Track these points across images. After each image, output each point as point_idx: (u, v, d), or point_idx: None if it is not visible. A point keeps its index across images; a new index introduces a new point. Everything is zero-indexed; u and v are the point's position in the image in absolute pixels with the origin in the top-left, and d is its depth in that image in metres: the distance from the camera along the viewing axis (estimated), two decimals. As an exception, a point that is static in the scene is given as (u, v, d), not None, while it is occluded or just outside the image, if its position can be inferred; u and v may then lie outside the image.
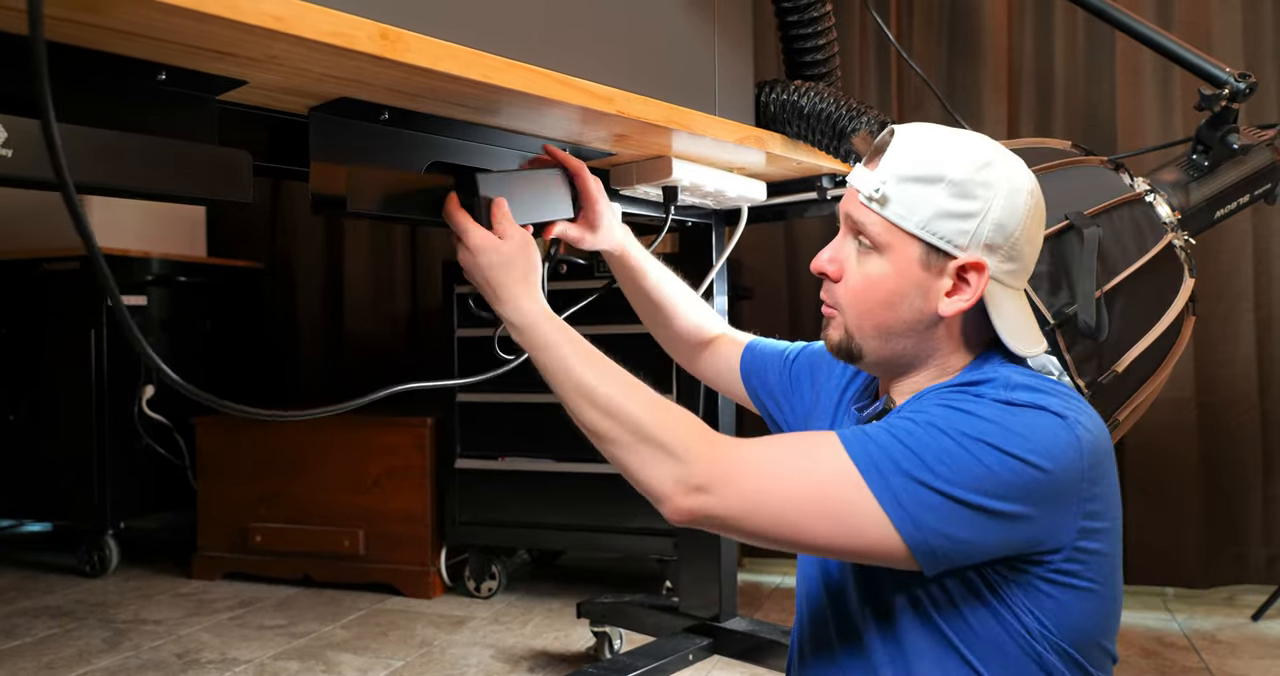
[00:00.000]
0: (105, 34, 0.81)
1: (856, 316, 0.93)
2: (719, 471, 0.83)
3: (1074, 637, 0.84)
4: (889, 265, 0.90)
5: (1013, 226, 0.87)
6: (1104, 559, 0.85)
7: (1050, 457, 0.79)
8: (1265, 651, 2.14)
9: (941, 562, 0.80)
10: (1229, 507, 2.47)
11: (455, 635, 2.33)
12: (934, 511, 0.78)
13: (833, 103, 1.55)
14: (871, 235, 0.90)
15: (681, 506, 0.83)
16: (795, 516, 0.81)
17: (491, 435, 2.63)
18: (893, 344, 0.92)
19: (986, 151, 0.89)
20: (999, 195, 0.87)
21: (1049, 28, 2.62)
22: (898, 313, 0.90)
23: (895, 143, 0.90)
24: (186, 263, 3.20)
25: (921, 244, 0.88)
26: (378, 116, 1.11)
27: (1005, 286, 0.90)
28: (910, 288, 0.89)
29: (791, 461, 0.83)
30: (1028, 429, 0.80)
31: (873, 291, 0.91)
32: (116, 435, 2.89)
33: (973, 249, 0.87)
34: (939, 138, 0.90)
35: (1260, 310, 2.47)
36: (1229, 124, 1.58)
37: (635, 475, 0.88)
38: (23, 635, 2.36)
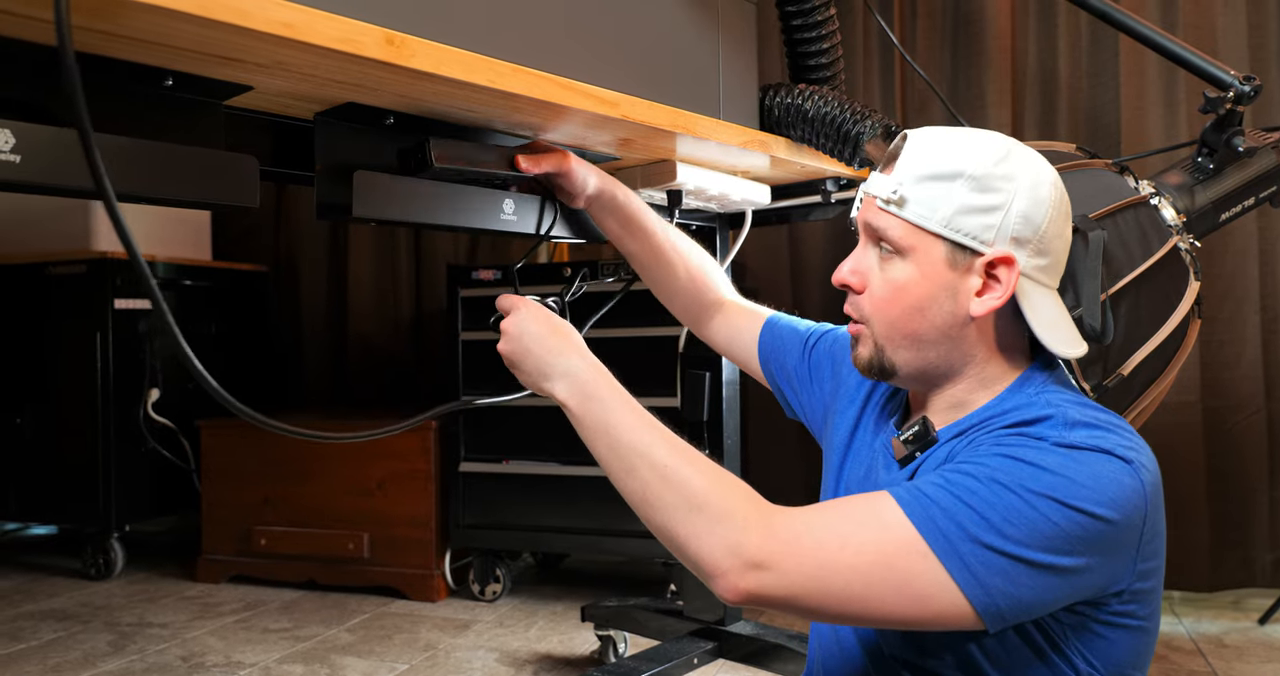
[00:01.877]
0: (113, 40, 0.82)
1: (885, 327, 0.89)
2: (778, 546, 0.76)
3: (1117, 669, 0.83)
4: (914, 268, 0.86)
5: (1039, 218, 0.85)
6: (1154, 595, 0.83)
7: (1116, 507, 0.76)
8: (1272, 655, 2.13)
9: (1008, 621, 0.76)
10: (1235, 511, 2.47)
11: (459, 638, 2.33)
12: (1003, 575, 0.74)
13: (837, 106, 1.55)
14: (893, 239, 0.87)
15: (739, 586, 0.75)
16: (861, 590, 0.75)
17: (496, 438, 2.63)
18: (926, 353, 0.88)
19: (1003, 145, 0.87)
20: (1021, 187, 0.85)
21: (1053, 30, 2.62)
22: (928, 318, 0.87)
23: (909, 145, 0.88)
24: (192, 266, 3.21)
25: (946, 243, 0.85)
26: (383, 121, 1.12)
27: (1037, 284, 0.87)
28: (939, 290, 0.86)
29: (853, 531, 0.77)
30: (1094, 479, 0.75)
31: (901, 298, 0.87)
32: (122, 438, 2.90)
33: (1000, 243, 0.84)
34: (953, 136, 0.88)
35: (1266, 313, 2.46)
36: (1234, 126, 1.58)
37: (686, 547, 0.79)
38: (28, 638, 2.36)
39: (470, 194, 1.19)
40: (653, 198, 1.59)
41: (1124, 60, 2.51)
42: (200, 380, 0.76)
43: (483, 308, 2.64)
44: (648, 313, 2.39)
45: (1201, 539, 2.45)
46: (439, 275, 3.35)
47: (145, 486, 2.97)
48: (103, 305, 2.88)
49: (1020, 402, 0.86)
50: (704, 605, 2.03)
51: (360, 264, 3.50)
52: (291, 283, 3.65)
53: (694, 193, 1.57)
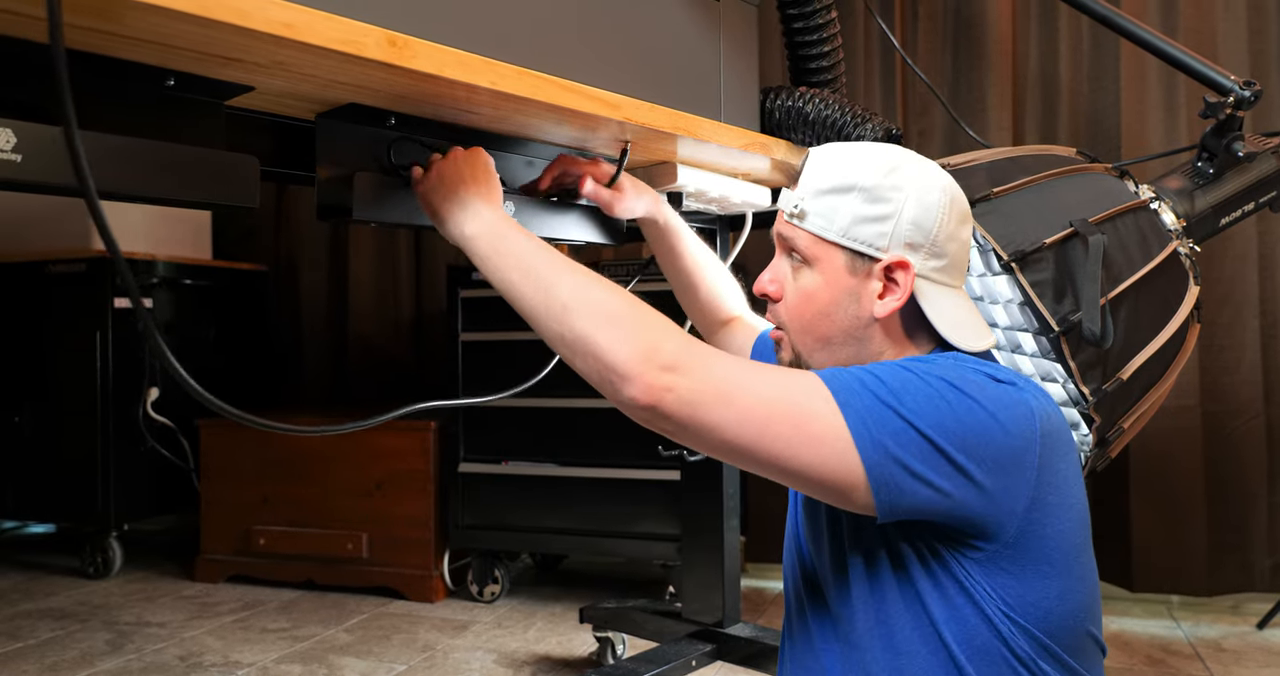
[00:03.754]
0: (114, 40, 0.82)
1: (799, 332, 0.96)
2: (693, 356, 0.81)
3: (1043, 622, 0.84)
4: (820, 276, 0.93)
5: (930, 224, 0.91)
6: (1064, 539, 0.85)
7: (1004, 411, 0.81)
8: (1270, 660, 2.13)
9: (896, 503, 0.78)
10: (1234, 515, 2.47)
11: (458, 639, 2.33)
12: (895, 437, 0.78)
13: (837, 109, 1.55)
14: (800, 249, 0.94)
15: (649, 383, 0.78)
16: (762, 413, 0.79)
17: (495, 439, 2.63)
18: (836, 354, 0.94)
19: (893, 157, 0.94)
20: (910, 195, 0.91)
21: (1054, 34, 2.62)
22: (835, 321, 0.93)
23: (810, 162, 0.96)
24: (192, 265, 3.21)
25: (845, 251, 0.92)
26: (384, 122, 1.12)
27: (936, 283, 0.93)
28: (842, 295, 0.93)
29: (765, 369, 0.85)
30: (982, 383, 0.82)
31: (809, 304, 0.94)
32: (121, 437, 2.90)
33: (894, 249, 0.91)
34: (848, 151, 0.95)
35: (1265, 317, 2.46)
36: (1234, 131, 1.58)
37: (601, 350, 0.82)
38: (25, 637, 2.36)
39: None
40: (653, 199, 1.59)
41: (1125, 65, 2.51)
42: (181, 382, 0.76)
43: (483, 308, 2.65)
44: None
45: (1200, 543, 2.45)
46: (439, 276, 3.36)
47: (144, 485, 2.97)
48: (102, 304, 2.88)
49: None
50: (702, 607, 2.03)
51: (360, 264, 3.50)
52: (292, 283, 3.65)
53: (694, 195, 1.57)
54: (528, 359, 2.80)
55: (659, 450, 1.99)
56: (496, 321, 2.62)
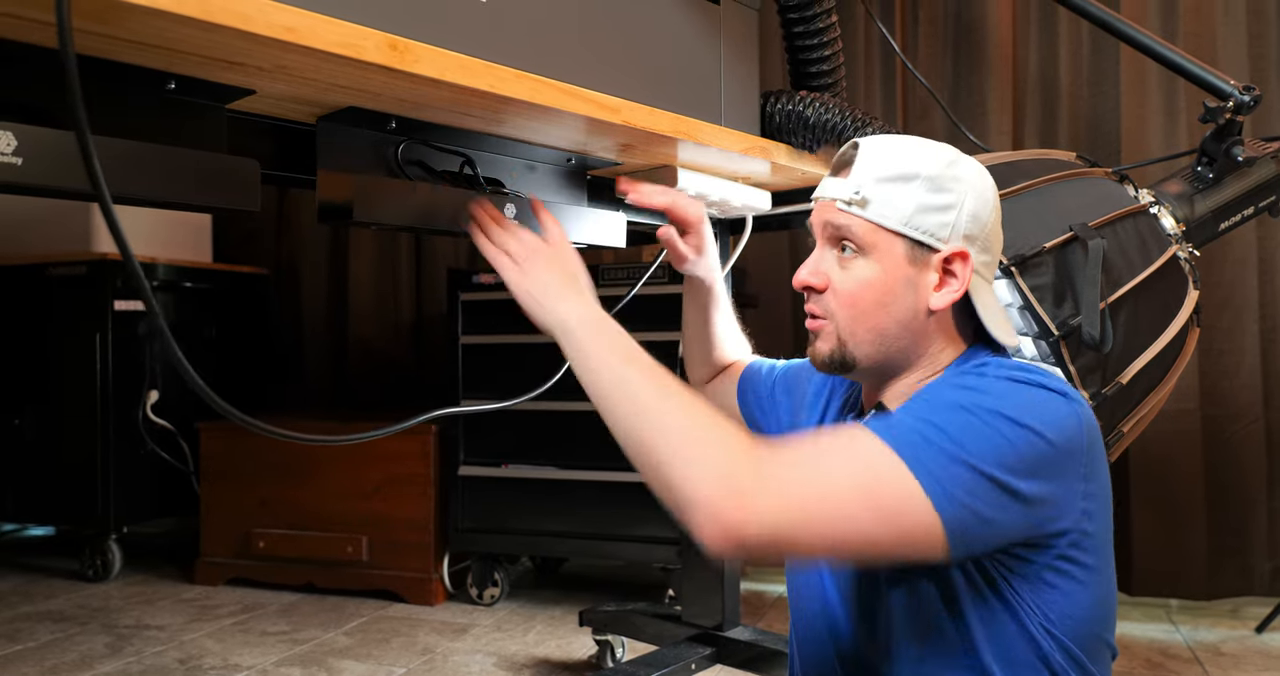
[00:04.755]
0: (116, 44, 0.82)
1: (849, 321, 0.93)
2: (767, 471, 0.77)
3: (1076, 632, 0.85)
4: (877, 265, 0.91)
5: (985, 218, 0.92)
6: (1101, 541, 0.87)
7: (1056, 430, 0.80)
8: (1269, 663, 2.13)
9: (969, 545, 0.79)
10: (1234, 519, 2.47)
11: (457, 642, 2.33)
12: (967, 488, 0.77)
13: (838, 113, 1.55)
14: (856, 238, 0.91)
15: (727, 516, 0.75)
16: (842, 516, 0.76)
17: (495, 442, 2.63)
18: (888, 346, 0.92)
19: (950, 150, 0.94)
20: (971, 188, 0.91)
21: (1054, 39, 2.62)
22: (891, 312, 0.91)
23: (863, 151, 0.93)
24: (192, 268, 3.21)
25: (906, 240, 0.90)
26: (385, 126, 1.12)
27: (982, 278, 0.94)
28: (900, 285, 0.91)
29: (831, 454, 0.80)
30: (1032, 402, 0.81)
31: (865, 294, 0.92)
32: (121, 440, 2.90)
33: (954, 240, 0.91)
34: (903, 142, 0.94)
35: (1265, 321, 2.46)
36: (1233, 136, 1.58)
37: (677, 484, 0.81)
38: (25, 639, 2.36)
39: (472, 199, 1.19)
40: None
41: (1125, 69, 2.51)
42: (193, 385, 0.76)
43: (483, 311, 2.65)
44: (647, 317, 2.40)
45: (1199, 547, 2.45)
46: (440, 279, 3.36)
47: (144, 488, 2.97)
48: (103, 306, 2.88)
49: (957, 371, 0.93)
50: (702, 610, 2.03)
51: (361, 267, 3.50)
52: (292, 285, 3.65)
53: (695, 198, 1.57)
54: (528, 362, 2.80)
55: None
56: (497, 324, 2.62)
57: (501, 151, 1.30)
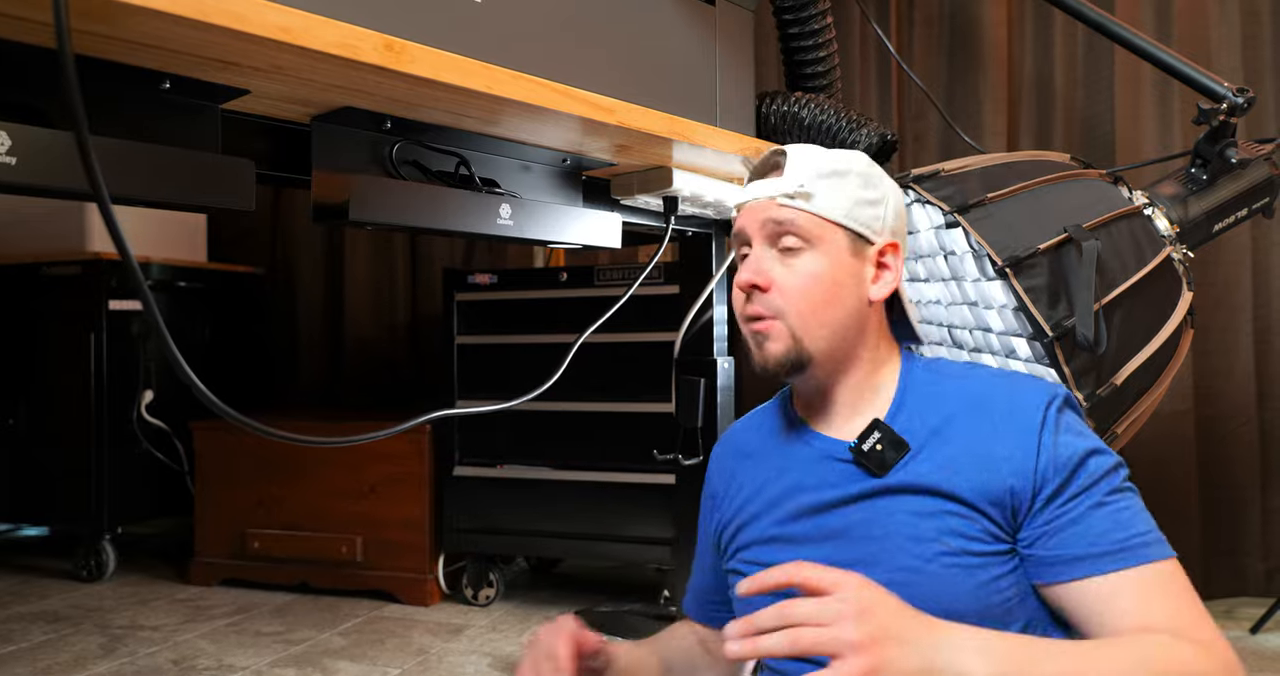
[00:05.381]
0: (111, 43, 0.82)
1: (802, 316, 0.91)
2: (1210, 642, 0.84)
3: None
4: (824, 258, 0.92)
5: (902, 215, 0.97)
6: None
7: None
8: (1264, 664, 2.13)
9: None
10: (1227, 520, 2.47)
11: (452, 643, 2.33)
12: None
13: (833, 114, 1.55)
14: (802, 231, 0.91)
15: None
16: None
17: (490, 442, 2.63)
18: (840, 338, 0.93)
19: (863, 155, 0.99)
20: (890, 186, 0.96)
21: (1049, 41, 2.63)
22: (842, 303, 0.92)
23: (794, 154, 0.94)
24: (187, 268, 3.20)
25: (848, 232, 0.92)
26: (381, 126, 1.12)
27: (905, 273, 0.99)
28: (846, 277, 0.92)
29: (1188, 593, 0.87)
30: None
31: (816, 287, 0.91)
32: (115, 440, 2.89)
33: (885, 234, 0.94)
34: (822, 148, 0.97)
35: (1259, 322, 2.47)
36: (1227, 138, 1.59)
37: None
38: (18, 640, 2.35)
39: (467, 198, 1.20)
40: (649, 204, 1.60)
41: (1119, 71, 2.52)
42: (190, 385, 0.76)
43: (479, 312, 2.64)
44: (643, 318, 2.40)
45: (1194, 548, 2.46)
46: (435, 279, 3.35)
47: (138, 488, 2.96)
48: (97, 306, 2.87)
49: (933, 376, 0.96)
50: (697, 611, 2.03)
51: (356, 267, 3.49)
52: (288, 285, 3.64)
53: (690, 199, 1.57)
54: (523, 362, 2.80)
55: (654, 454, 1.99)
56: (492, 325, 2.62)
57: (497, 152, 1.30)
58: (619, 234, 1.45)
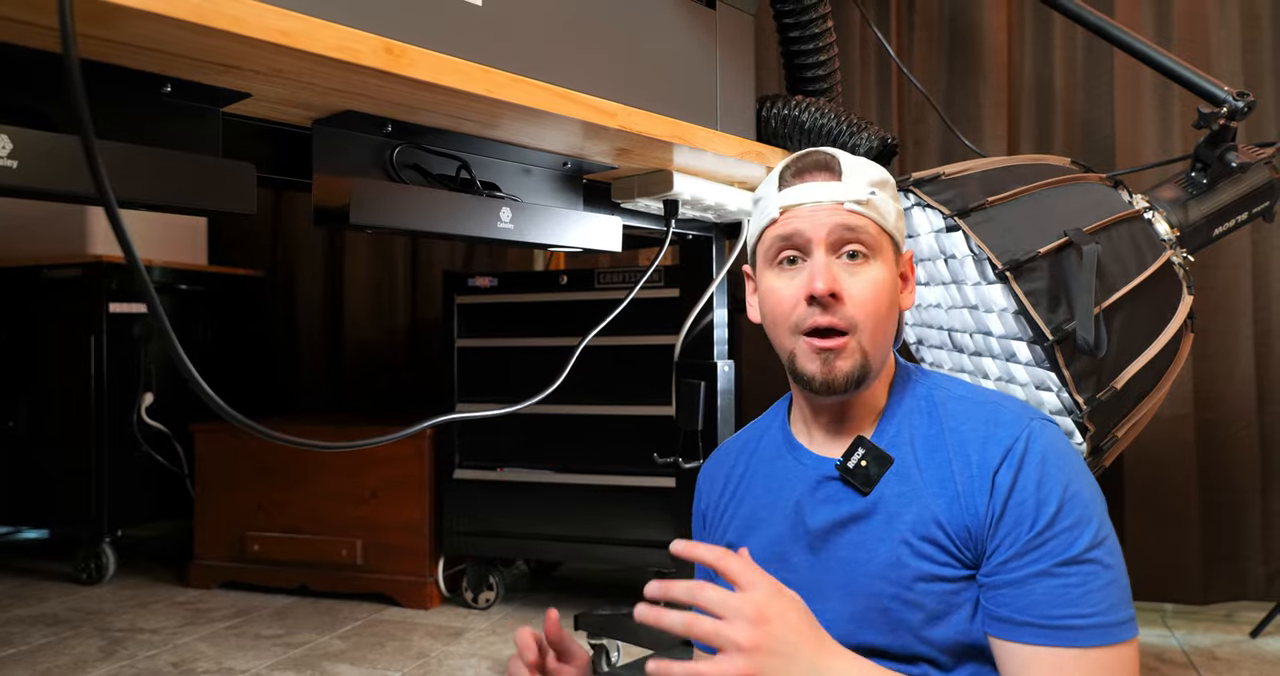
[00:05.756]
0: (113, 47, 0.82)
1: (871, 331, 0.88)
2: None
3: None
4: (884, 268, 0.90)
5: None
6: None
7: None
8: (1264, 668, 2.13)
9: None
10: (1228, 523, 2.47)
11: (452, 646, 2.33)
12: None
13: (834, 118, 1.56)
14: (869, 240, 0.89)
15: None
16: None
17: (490, 446, 2.63)
18: (887, 353, 0.93)
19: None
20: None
21: (1049, 45, 2.63)
22: (893, 317, 0.91)
23: (847, 158, 0.92)
24: (187, 271, 3.21)
25: (892, 241, 0.92)
26: (381, 129, 1.12)
27: None
28: (896, 288, 0.92)
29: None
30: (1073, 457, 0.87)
31: (882, 298, 0.89)
32: (115, 442, 2.89)
33: (903, 245, 0.95)
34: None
35: (1259, 326, 2.47)
36: (1227, 142, 1.59)
37: None
38: (18, 643, 2.35)
39: (467, 202, 1.20)
40: (649, 207, 1.60)
41: (1119, 75, 2.52)
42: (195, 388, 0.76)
43: (479, 315, 2.65)
44: (643, 321, 2.40)
45: (1194, 551, 2.45)
46: (435, 281, 3.35)
47: (138, 491, 2.96)
48: (97, 308, 2.87)
49: (924, 391, 0.93)
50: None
51: (357, 269, 3.50)
52: (288, 288, 3.65)
53: (690, 203, 1.57)
54: (523, 365, 2.80)
55: (654, 457, 1.99)
56: (493, 328, 2.62)
57: (497, 155, 1.30)
58: (619, 237, 1.45)
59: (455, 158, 1.24)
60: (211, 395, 0.78)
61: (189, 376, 0.77)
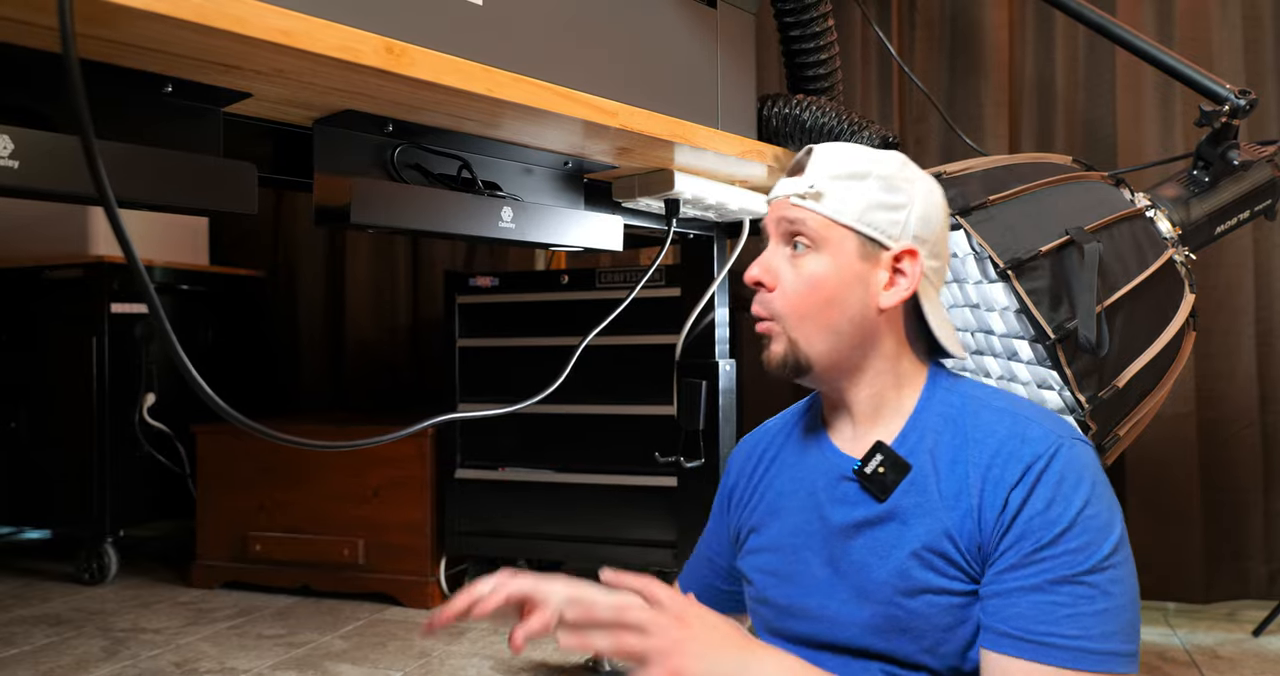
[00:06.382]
0: (114, 47, 0.82)
1: (799, 320, 0.91)
2: None
3: None
4: (829, 261, 0.90)
5: (935, 221, 0.92)
6: None
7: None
8: (1266, 667, 2.13)
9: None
10: (1230, 522, 2.47)
11: (454, 645, 2.33)
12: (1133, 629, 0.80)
13: (834, 117, 1.55)
14: (810, 232, 0.90)
15: None
16: None
17: (492, 445, 2.63)
18: (840, 344, 0.91)
19: (900, 156, 0.95)
20: (920, 190, 0.92)
21: (1050, 43, 2.63)
22: (843, 309, 0.90)
23: (818, 153, 0.93)
24: (189, 271, 3.21)
25: (858, 236, 0.90)
26: (382, 129, 1.12)
27: (931, 284, 0.93)
28: (852, 281, 0.90)
29: None
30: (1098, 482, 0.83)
31: (816, 291, 0.90)
32: (117, 443, 2.89)
33: (904, 239, 0.90)
34: (856, 146, 0.95)
35: (1261, 324, 2.47)
36: (1229, 140, 1.59)
37: None
38: (21, 643, 2.35)
39: (468, 202, 1.20)
40: (650, 206, 1.60)
41: (1120, 73, 2.52)
42: (196, 388, 0.76)
43: (481, 314, 2.65)
44: (644, 320, 2.40)
45: (1196, 550, 2.45)
46: (437, 281, 3.36)
47: (140, 491, 2.96)
48: (99, 309, 2.87)
49: (957, 400, 0.91)
50: (699, 614, 2.03)
51: (358, 269, 3.50)
52: (289, 288, 3.65)
53: (691, 201, 1.57)
54: (525, 365, 2.79)
55: (655, 456, 1.99)
56: (494, 327, 2.62)
57: (498, 154, 1.30)
58: (620, 237, 1.45)
59: (456, 157, 1.24)
60: (212, 396, 0.78)
61: (190, 377, 0.77)
